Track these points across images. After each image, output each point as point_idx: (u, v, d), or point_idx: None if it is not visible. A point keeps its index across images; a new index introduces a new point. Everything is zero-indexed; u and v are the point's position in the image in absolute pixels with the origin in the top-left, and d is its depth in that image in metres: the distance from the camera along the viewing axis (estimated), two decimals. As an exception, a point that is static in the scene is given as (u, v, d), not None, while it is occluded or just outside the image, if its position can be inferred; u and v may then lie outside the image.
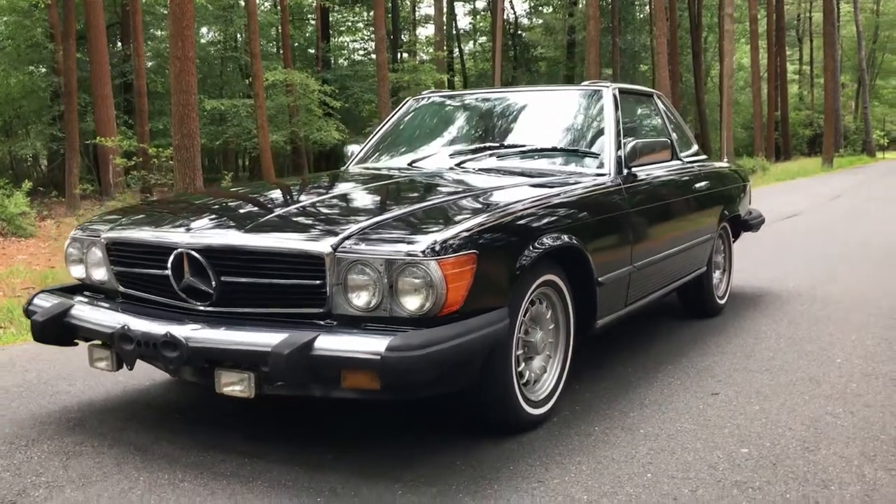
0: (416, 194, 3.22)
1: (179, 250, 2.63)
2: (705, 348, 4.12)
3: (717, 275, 4.90)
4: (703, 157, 4.89)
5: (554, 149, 3.77)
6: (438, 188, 3.32)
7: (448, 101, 4.50)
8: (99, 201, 16.57)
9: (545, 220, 2.86)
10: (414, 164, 3.87)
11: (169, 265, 2.65)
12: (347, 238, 2.46)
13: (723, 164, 5.19)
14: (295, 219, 2.76)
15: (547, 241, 2.80)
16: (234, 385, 2.40)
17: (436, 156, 3.94)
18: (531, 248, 2.72)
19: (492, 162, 3.73)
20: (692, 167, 4.47)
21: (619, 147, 3.65)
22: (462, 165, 3.72)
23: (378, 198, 3.15)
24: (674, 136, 4.50)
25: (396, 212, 2.74)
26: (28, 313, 2.96)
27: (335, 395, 2.44)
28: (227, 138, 24.09)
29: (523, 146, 3.82)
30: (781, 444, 2.81)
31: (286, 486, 2.43)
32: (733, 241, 5.22)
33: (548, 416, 2.99)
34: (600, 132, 3.77)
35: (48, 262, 8.94)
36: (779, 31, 36.06)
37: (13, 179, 17.86)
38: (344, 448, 2.75)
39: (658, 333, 4.43)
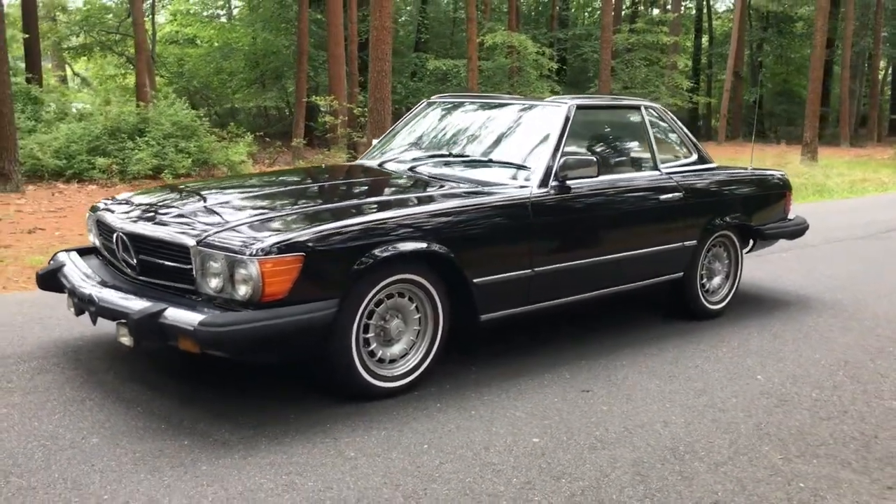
0: (314, 198, 3.94)
1: (117, 233, 3.56)
2: (645, 349, 4.38)
3: (716, 280, 5.07)
4: (702, 165, 5.01)
5: (490, 160, 4.27)
6: (343, 194, 4.06)
7: (445, 107, 5.05)
8: (315, 152, 18.58)
9: (397, 230, 3.41)
10: (382, 165, 4.54)
11: (114, 242, 3.60)
12: (210, 235, 3.22)
13: (739, 172, 5.24)
14: (192, 215, 3.55)
15: (394, 248, 3.36)
16: (124, 337, 3.28)
17: (402, 157, 4.60)
18: (373, 252, 3.31)
19: (437, 169, 4.30)
20: (669, 178, 4.68)
21: (552, 161, 4.06)
22: (414, 169, 4.33)
23: (283, 201, 3.88)
24: (655, 147, 4.73)
25: (268, 215, 3.48)
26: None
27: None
28: (447, 97, 25.41)
29: (468, 156, 4.37)
30: (576, 441, 3.18)
31: (160, 416, 3.28)
32: (745, 250, 5.29)
33: (407, 388, 3.57)
34: (543, 146, 4.19)
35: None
36: None
37: (264, 127, 20.71)
38: (236, 397, 3.53)
39: (627, 329, 4.75)
